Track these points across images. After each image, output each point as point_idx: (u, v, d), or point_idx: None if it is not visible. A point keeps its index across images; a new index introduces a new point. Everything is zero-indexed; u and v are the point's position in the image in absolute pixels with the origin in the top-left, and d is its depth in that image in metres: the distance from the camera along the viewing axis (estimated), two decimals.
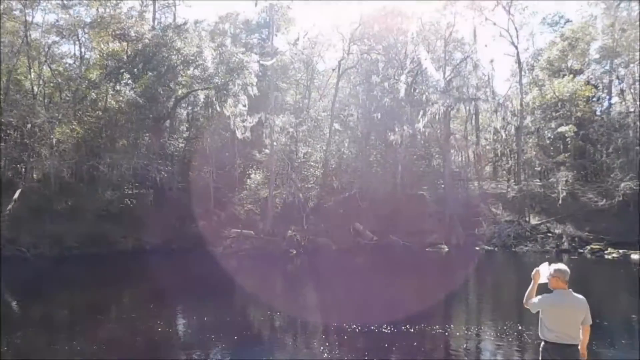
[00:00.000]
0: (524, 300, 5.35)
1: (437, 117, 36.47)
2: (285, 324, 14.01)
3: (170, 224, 29.97)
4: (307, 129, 36.06)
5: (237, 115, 31.56)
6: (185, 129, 39.51)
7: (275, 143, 33.23)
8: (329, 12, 45.31)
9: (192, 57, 32.02)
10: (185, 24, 34.83)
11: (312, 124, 36.62)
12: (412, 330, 12.15)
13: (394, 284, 20.15)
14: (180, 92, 33.59)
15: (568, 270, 5.24)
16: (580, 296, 5.20)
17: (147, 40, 32.27)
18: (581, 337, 5.13)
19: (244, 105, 31.55)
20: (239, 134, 32.06)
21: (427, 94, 37.44)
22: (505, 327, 12.62)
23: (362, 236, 32.29)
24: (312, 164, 36.94)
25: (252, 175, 34.64)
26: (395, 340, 11.54)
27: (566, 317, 5.07)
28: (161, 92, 32.03)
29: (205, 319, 13.65)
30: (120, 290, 18.47)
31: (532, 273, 5.46)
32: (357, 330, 12.20)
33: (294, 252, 29.32)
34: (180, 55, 31.95)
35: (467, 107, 41.78)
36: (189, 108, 40.31)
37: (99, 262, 24.83)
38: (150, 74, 31.55)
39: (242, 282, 21.97)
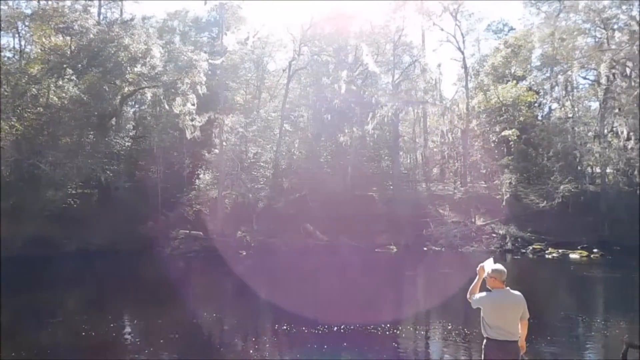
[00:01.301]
0: (468, 295, 5.51)
1: (386, 119, 37.01)
2: (234, 325, 13.88)
3: (117, 225, 29.13)
4: (257, 129, 35.86)
5: (186, 114, 31.06)
6: (132, 127, 38.55)
7: (224, 143, 32.90)
8: (280, 13, 45.33)
9: (139, 54, 31.26)
10: (132, 20, 34.00)
11: (263, 124, 36.44)
12: (361, 330, 12.25)
13: (344, 284, 20.30)
14: (127, 89, 32.72)
15: (505, 270, 5.43)
16: (517, 293, 5.39)
17: (92, 36, 31.27)
18: (520, 332, 5.33)
19: (193, 104, 31.10)
20: (188, 134, 31.54)
21: (376, 96, 37.94)
22: (452, 326, 12.92)
23: (312, 237, 32.35)
24: (262, 164, 36.76)
25: (201, 176, 34.18)
26: (345, 340, 11.61)
27: (505, 315, 5.26)
28: (107, 89, 31.09)
29: (151, 322, 13.36)
30: (63, 294, 17.84)
31: (477, 269, 5.63)
32: (306, 331, 12.21)
33: (244, 253, 29.09)
34: (127, 52, 31.12)
35: (415, 110, 42.61)
36: (136, 106, 39.38)
37: (41, 264, 23.88)
38: (95, 70, 30.60)
39: (190, 284, 21.66)
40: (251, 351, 11.17)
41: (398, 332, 12.49)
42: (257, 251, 29.22)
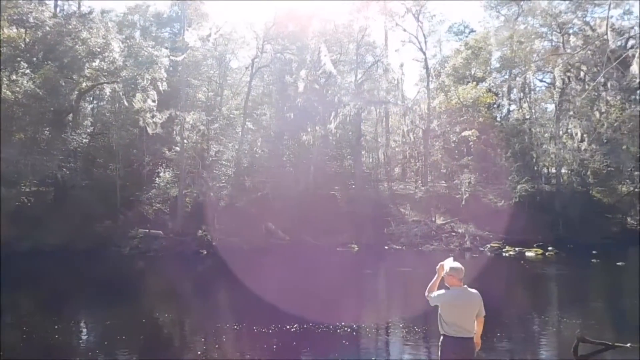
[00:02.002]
0: (426, 292, 5.58)
1: (348, 118, 37.16)
2: (192, 325, 13.73)
3: (73, 224, 28.33)
4: (219, 127, 35.50)
5: (146, 110, 30.50)
6: (89, 124, 37.61)
7: (186, 141, 32.47)
8: (243, 10, 44.97)
9: (98, 49, 30.53)
10: (90, 13, 33.20)
11: (224, 122, 36.08)
12: (321, 329, 12.28)
13: (305, 283, 20.30)
14: (84, 84, 31.92)
15: (463, 268, 5.53)
16: (474, 291, 5.50)
17: (48, 28, 30.36)
18: (476, 329, 5.44)
19: (154, 101, 30.57)
20: (149, 130, 30.98)
21: (339, 95, 38.07)
22: (411, 323, 13.08)
23: (274, 236, 32.25)
24: (224, 162, 36.41)
25: (161, 174, 33.61)
26: (306, 339, 11.62)
27: (462, 312, 5.37)
28: (63, 84, 30.25)
29: (107, 323, 13.09)
30: (14, 295, 17.28)
31: (437, 267, 5.70)
32: (268, 330, 12.17)
33: (205, 252, 28.78)
34: (85, 46, 30.34)
35: (378, 110, 42.92)
36: (94, 102, 38.49)
37: None
38: (51, 64, 29.71)
39: (149, 284, 21.33)
40: (209, 351, 11.07)
41: (358, 330, 12.56)
42: (218, 250, 28.89)
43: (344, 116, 36.29)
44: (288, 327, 12.36)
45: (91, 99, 37.48)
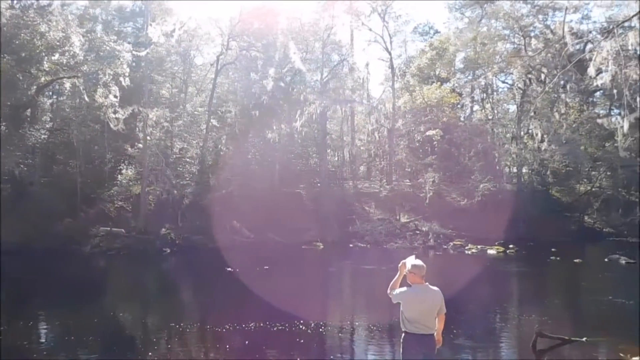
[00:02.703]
0: (388, 290, 5.59)
1: (314, 117, 37.18)
2: (158, 325, 13.47)
3: (31, 222, 27.48)
4: (183, 124, 35.05)
5: (108, 106, 29.82)
6: (49, 119, 36.59)
7: (149, 137, 31.93)
8: (208, 6, 44.47)
9: (57, 42, 29.67)
10: (49, 5, 32.19)
11: (189, 119, 35.64)
12: (286, 328, 12.21)
13: (270, 281, 20.19)
14: (43, 79, 30.99)
15: (424, 266, 5.55)
16: (435, 288, 5.54)
17: (4, 20, 29.33)
18: (437, 326, 5.49)
19: (116, 96, 29.90)
20: (112, 126, 30.26)
21: (304, 93, 38.04)
22: (376, 322, 13.13)
23: (239, 234, 32.03)
24: (188, 160, 35.97)
25: (123, 171, 32.99)
26: (269, 339, 11.54)
27: (423, 309, 5.40)
28: (21, 78, 29.31)
29: (67, 323, 12.74)
30: None
31: (399, 265, 5.72)
32: (231, 329, 12.05)
33: (168, 250, 28.36)
34: (43, 40, 29.44)
35: (343, 109, 43.07)
36: (54, 97, 37.45)
37: None
38: (7, 57, 28.74)
39: (111, 283, 20.90)
40: (171, 351, 10.89)
41: (322, 329, 12.54)
42: (182, 249, 28.58)
43: (310, 114, 36.30)
44: (251, 326, 12.26)
45: (50, 93, 36.45)
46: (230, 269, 22.17)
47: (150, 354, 10.41)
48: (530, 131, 40.32)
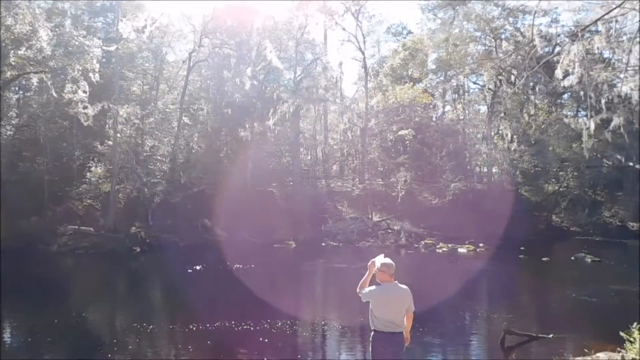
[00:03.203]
0: (358, 288, 5.60)
1: (287, 115, 37.10)
2: (126, 326, 13.27)
3: None
4: (154, 122, 34.60)
5: (77, 102, 29.19)
6: (14, 115, 35.68)
7: (119, 134, 31.44)
8: (180, 2, 43.92)
9: (24, 36, 28.94)
10: None
11: (160, 116, 35.18)
12: (259, 327, 12.17)
13: (241, 280, 20.07)
14: (9, 74, 30.21)
15: (393, 264, 5.59)
16: (404, 286, 5.58)
17: None
18: (406, 324, 5.52)
19: (85, 92, 29.30)
20: (82, 121, 29.61)
21: (278, 92, 37.94)
22: (348, 320, 13.19)
23: (210, 232, 31.77)
24: (159, 158, 35.54)
25: (92, 168, 32.39)
26: (242, 338, 11.48)
27: (392, 307, 5.43)
28: None
29: (32, 323, 12.50)
30: None
31: (368, 263, 5.74)
32: (203, 329, 11.95)
33: (138, 249, 27.96)
34: (10, 34, 28.70)
35: (317, 108, 43.05)
36: (20, 92, 36.55)
37: None
38: None
39: (79, 283, 20.53)
40: (140, 352, 10.76)
41: (293, 328, 12.53)
42: (152, 247, 28.21)
43: (283, 113, 36.21)
44: (222, 326, 12.18)
45: (17, 89, 35.55)
46: (201, 268, 22.00)
47: (117, 355, 10.26)
48: (500, 132, 40.89)
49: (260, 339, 11.45)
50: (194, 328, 11.96)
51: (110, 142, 31.82)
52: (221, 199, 32.80)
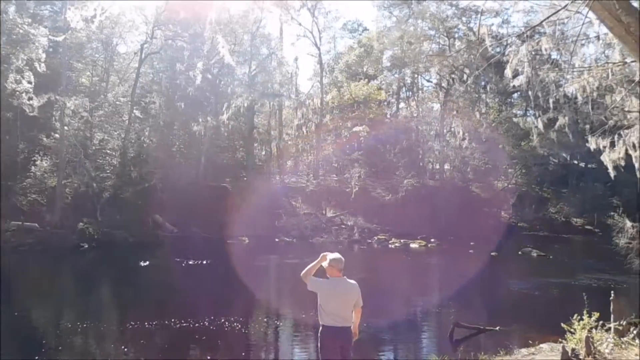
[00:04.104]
0: (303, 273, 5.56)
1: (241, 110, 36.77)
2: (71, 325, 12.81)
3: None
4: (104, 114, 33.66)
5: (21, 92, 28.04)
6: None
7: (66, 127, 30.45)
8: None
9: None
10: None
11: (110, 109, 34.23)
12: (211, 324, 12.00)
13: (193, 277, 19.79)
14: None
15: (343, 259, 5.59)
16: (352, 282, 5.59)
17: None
18: (353, 319, 5.53)
19: (30, 82, 28.19)
20: (27, 112, 28.43)
21: (232, 86, 37.54)
22: (299, 315, 13.14)
23: (161, 228, 31.21)
24: (108, 151, 34.58)
25: (38, 162, 31.22)
26: (193, 336, 11.29)
27: (340, 302, 5.44)
28: None
29: None
30: None
31: (322, 253, 5.72)
32: (152, 328, 11.69)
33: (86, 246, 27.14)
34: None
35: (271, 103, 42.84)
36: None
37: None
38: None
39: (21, 281, 19.72)
40: (87, 352, 10.44)
41: (247, 325, 12.41)
42: (101, 244, 27.41)
43: (237, 107, 35.88)
44: (172, 323, 11.95)
45: None
46: (151, 264, 21.57)
47: (62, 355, 9.92)
48: (452, 129, 41.75)
49: (212, 336, 11.29)
50: (142, 326, 11.68)
51: (56, 135, 30.78)
52: (173, 194, 32.25)
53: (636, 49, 5.29)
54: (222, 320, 12.25)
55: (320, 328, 5.45)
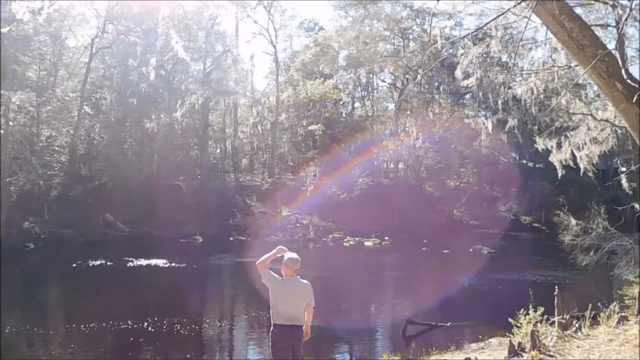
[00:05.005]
0: (259, 262, 5.54)
1: (196, 107, 36.31)
2: (14, 329, 12.38)
3: None
4: (51, 110, 32.60)
5: None
6: None
7: (11, 123, 29.34)
8: None
9: None
10: None
11: (58, 104, 33.20)
12: (162, 325, 11.79)
13: (144, 277, 19.43)
14: None
15: (299, 259, 5.61)
16: (305, 281, 5.62)
17: None
18: (306, 318, 5.55)
19: None
20: None
21: (186, 83, 37.00)
22: (253, 315, 13.08)
23: (112, 227, 30.49)
24: (56, 148, 33.52)
25: None
26: (143, 338, 11.08)
27: (293, 301, 5.45)
28: None
29: None
30: None
31: (279, 246, 5.72)
32: (102, 329, 11.41)
33: (32, 246, 26.24)
34: None
35: (227, 100, 42.43)
36: None
37: None
38: None
39: None
40: (33, 354, 10.09)
41: (200, 326, 12.27)
42: (48, 244, 26.54)
43: (191, 105, 35.42)
44: (121, 325, 11.68)
45: None
46: (100, 264, 21.05)
47: (10, 355, 9.57)
48: (406, 129, 42.33)
49: (163, 338, 11.11)
50: (89, 329, 11.38)
51: (1, 131, 29.59)
52: (124, 192, 31.54)
53: (578, 54, 5.49)
54: (174, 321, 12.06)
55: (272, 327, 5.45)
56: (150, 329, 11.54)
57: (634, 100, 5.12)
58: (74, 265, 20.79)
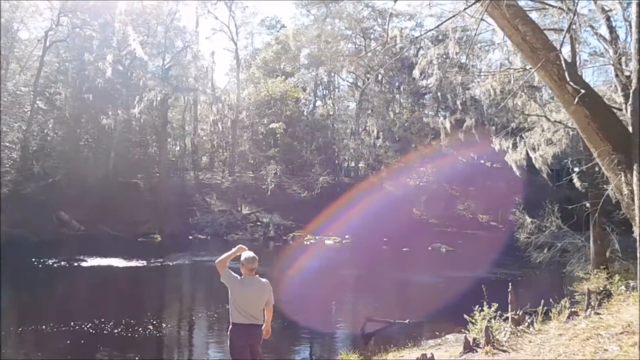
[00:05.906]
0: (218, 261, 5.50)
1: (154, 103, 35.70)
2: None
3: None
4: (2, 104, 31.44)
5: None
6: None
7: None
8: None
9: None
10: None
11: (10, 99, 32.09)
12: (118, 327, 11.56)
13: (100, 277, 19.01)
14: None
15: (256, 258, 5.59)
16: (264, 280, 5.61)
17: None
18: (265, 317, 5.53)
19: None
20: None
21: (144, 79, 36.31)
22: (212, 314, 12.96)
23: (67, 226, 29.70)
24: (7, 144, 32.36)
25: None
26: (101, 339, 10.85)
27: (252, 300, 5.43)
28: None
29: None
30: None
31: (239, 245, 5.69)
32: (56, 331, 11.11)
33: None
34: None
35: (186, 97, 41.85)
36: None
37: None
38: None
39: None
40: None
41: (158, 326, 12.06)
42: None
43: (150, 101, 34.79)
44: (78, 327, 11.40)
45: None
46: (54, 264, 20.48)
47: None
48: (367, 128, 42.68)
49: (121, 339, 10.90)
50: (43, 331, 11.07)
51: None
52: (80, 190, 30.79)
53: (531, 56, 5.63)
54: (132, 322, 11.84)
55: (230, 326, 5.41)
56: (106, 330, 11.30)
57: (577, 102, 5.27)
58: (26, 265, 20.16)
